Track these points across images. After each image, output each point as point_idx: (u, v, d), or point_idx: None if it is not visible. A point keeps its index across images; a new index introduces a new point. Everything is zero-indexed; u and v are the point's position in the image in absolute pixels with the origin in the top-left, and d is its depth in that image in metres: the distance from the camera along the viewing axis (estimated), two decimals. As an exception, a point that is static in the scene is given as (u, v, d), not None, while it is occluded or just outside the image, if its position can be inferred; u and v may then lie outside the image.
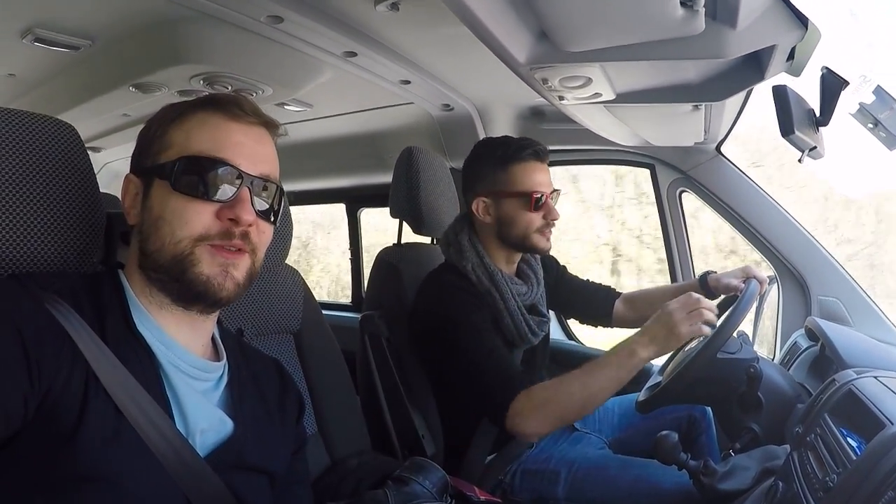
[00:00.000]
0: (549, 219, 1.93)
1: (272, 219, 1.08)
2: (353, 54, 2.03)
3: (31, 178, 1.03)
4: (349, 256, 4.22)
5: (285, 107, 2.71)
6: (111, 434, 0.87)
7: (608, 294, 2.36)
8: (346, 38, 1.90)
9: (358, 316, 2.13)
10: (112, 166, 3.76)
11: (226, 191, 0.99)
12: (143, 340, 0.97)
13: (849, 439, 1.10)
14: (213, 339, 1.14)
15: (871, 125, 1.48)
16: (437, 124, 2.89)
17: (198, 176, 0.98)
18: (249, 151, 1.03)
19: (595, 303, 2.34)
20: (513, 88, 2.26)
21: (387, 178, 2.31)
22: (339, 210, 4.16)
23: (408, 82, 2.35)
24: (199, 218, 0.98)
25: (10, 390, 0.79)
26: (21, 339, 0.82)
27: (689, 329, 1.53)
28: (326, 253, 8.12)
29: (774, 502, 1.18)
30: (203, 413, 1.02)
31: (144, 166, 1.02)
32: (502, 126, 2.79)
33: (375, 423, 1.96)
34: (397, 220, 2.29)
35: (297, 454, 1.24)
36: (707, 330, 1.53)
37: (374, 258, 2.25)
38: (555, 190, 1.95)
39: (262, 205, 1.04)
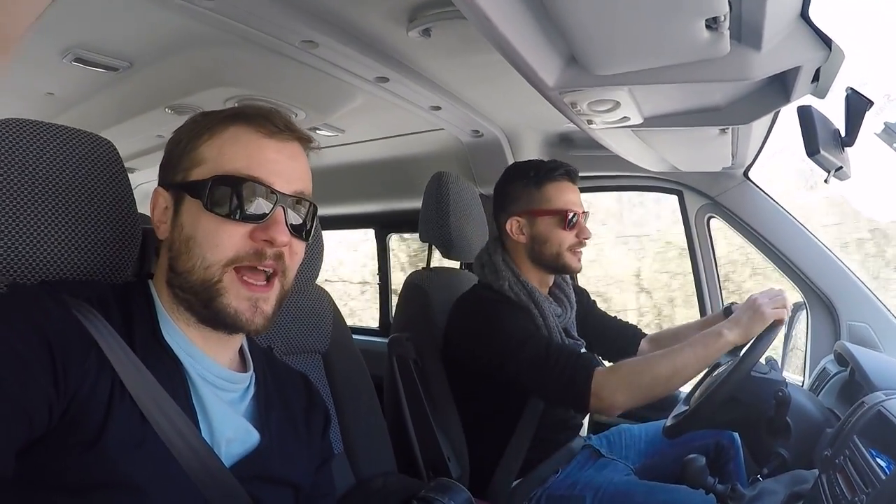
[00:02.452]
0: (581, 237, 1.97)
1: (304, 236, 1.07)
2: (385, 80, 2.06)
3: (71, 192, 1.06)
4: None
5: (317, 131, 2.75)
6: (136, 441, 0.88)
7: (635, 333, 2.36)
8: (379, 64, 1.93)
9: (384, 341, 2.15)
10: (144, 188, 3.72)
11: (259, 210, 0.97)
12: (170, 350, 0.98)
13: (878, 459, 1.09)
14: (241, 349, 1.14)
15: (896, 144, 1.48)
16: (466, 150, 2.90)
17: (231, 196, 0.96)
18: (283, 168, 1.01)
19: (621, 340, 2.35)
20: (542, 115, 2.29)
21: (416, 203, 2.33)
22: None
23: (438, 108, 2.37)
24: (231, 241, 0.96)
25: (34, 395, 0.79)
26: (47, 344, 0.82)
27: (772, 311, 1.62)
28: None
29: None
30: (229, 423, 1.02)
31: (174, 181, 1.02)
32: (531, 152, 2.81)
33: (401, 445, 1.95)
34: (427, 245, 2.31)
35: (323, 468, 1.24)
36: (786, 314, 1.64)
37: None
38: (584, 211, 1.99)
39: (295, 219, 1.03)
